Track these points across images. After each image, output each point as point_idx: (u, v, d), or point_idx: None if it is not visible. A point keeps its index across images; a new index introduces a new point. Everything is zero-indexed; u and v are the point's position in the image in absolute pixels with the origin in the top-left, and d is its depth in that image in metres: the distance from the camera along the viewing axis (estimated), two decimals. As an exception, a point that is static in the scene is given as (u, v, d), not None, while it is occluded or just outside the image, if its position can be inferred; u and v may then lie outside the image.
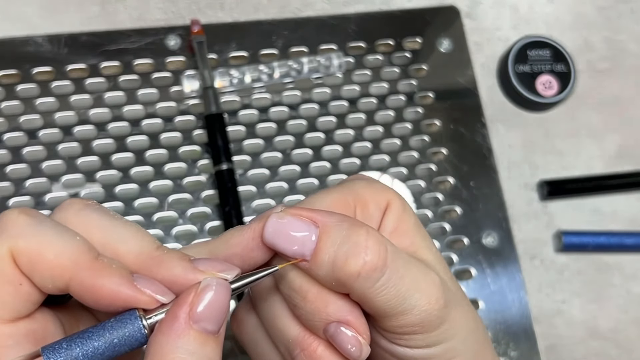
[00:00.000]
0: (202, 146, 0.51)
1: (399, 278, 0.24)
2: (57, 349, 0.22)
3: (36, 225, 0.23)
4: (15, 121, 0.49)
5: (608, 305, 0.53)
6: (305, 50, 0.55)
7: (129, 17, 0.54)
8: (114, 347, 0.22)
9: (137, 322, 0.22)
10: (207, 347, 0.22)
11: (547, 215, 0.55)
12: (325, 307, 0.25)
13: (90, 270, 0.22)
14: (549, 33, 0.60)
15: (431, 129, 0.55)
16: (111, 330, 0.22)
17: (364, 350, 0.25)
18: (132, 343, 0.22)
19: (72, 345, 0.22)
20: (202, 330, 0.22)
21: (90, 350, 0.22)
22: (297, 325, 0.26)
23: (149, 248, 0.24)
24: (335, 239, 0.24)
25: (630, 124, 0.59)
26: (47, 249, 0.22)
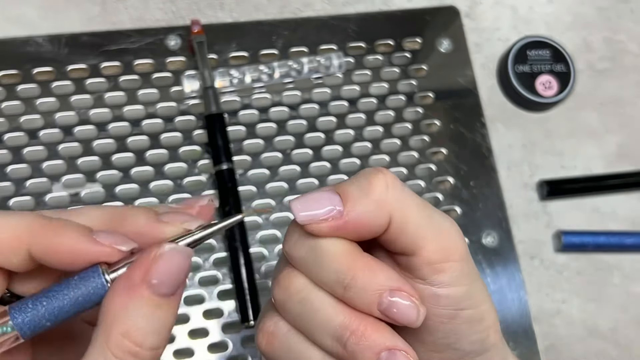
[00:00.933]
0: (203, 146, 0.51)
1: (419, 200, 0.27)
2: (24, 309, 0.22)
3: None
4: (16, 121, 0.49)
5: (607, 305, 0.53)
6: (305, 50, 0.55)
7: (129, 18, 0.54)
8: (79, 304, 0.22)
9: (99, 277, 0.22)
10: (159, 310, 0.22)
11: (546, 215, 0.55)
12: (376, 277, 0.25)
13: (46, 230, 0.22)
14: (548, 33, 0.60)
15: (431, 129, 0.55)
16: (75, 287, 0.22)
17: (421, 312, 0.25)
18: (96, 299, 0.22)
19: (37, 304, 0.22)
20: (156, 293, 0.22)
21: (56, 308, 0.22)
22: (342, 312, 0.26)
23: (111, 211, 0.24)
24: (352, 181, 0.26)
25: (630, 124, 0.59)
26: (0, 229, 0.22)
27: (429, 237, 0.26)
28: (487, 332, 0.28)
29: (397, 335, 0.26)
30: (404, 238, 0.26)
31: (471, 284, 0.27)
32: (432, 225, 0.26)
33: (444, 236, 0.26)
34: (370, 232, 0.26)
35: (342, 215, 0.25)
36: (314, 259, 0.26)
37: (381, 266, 0.26)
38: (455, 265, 0.26)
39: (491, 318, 0.28)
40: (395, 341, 0.25)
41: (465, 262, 0.27)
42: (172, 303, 0.22)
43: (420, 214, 0.26)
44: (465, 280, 0.27)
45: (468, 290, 0.27)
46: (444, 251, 0.26)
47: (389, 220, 0.26)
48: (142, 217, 0.24)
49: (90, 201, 0.48)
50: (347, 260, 0.25)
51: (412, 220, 0.26)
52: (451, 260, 0.26)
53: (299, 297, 0.27)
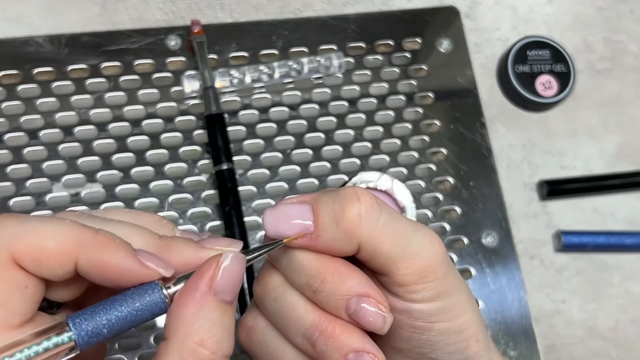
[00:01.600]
0: (203, 146, 0.51)
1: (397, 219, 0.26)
2: (82, 317, 0.22)
3: (27, 223, 0.23)
4: (16, 121, 0.49)
5: (607, 305, 0.53)
6: (305, 50, 0.55)
7: (129, 18, 0.54)
8: (136, 315, 0.23)
9: (158, 291, 0.23)
10: (225, 316, 0.23)
11: (546, 215, 0.55)
12: (344, 283, 0.26)
13: (94, 246, 0.23)
14: (548, 33, 0.60)
15: (431, 129, 0.55)
16: (133, 299, 0.23)
17: (387, 319, 0.26)
18: (153, 310, 0.23)
19: (96, 313, 0.23)
20: (221, 300, 0.23)
21: (114, 317, 0.23)
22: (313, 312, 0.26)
23: (153, 239, 0.25)
24: (327, 201, 0.26)
25: (630, 124, 0.59)
26: (46, 240, 0.22)
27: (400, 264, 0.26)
28: (466, 342, 0.28)
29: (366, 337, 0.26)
30: (374, 263, 0.26)
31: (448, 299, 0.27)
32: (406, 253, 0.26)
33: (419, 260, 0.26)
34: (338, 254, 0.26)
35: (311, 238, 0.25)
36: (286, 261, 0.27)
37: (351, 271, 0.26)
38: (430, 285, 0.26)
39: (472, 329, 0.28)
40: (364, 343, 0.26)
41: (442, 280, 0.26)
42: (233, 309, 0.24)
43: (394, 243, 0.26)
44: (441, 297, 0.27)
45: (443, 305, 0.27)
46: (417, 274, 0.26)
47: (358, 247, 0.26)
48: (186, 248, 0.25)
49: (90, 201, 0.48)
50: (316, 265, 0.26)
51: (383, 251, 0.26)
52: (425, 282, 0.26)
53: (275, 294, 0.27)
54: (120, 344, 0.45)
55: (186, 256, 0.24)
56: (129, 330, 0.23)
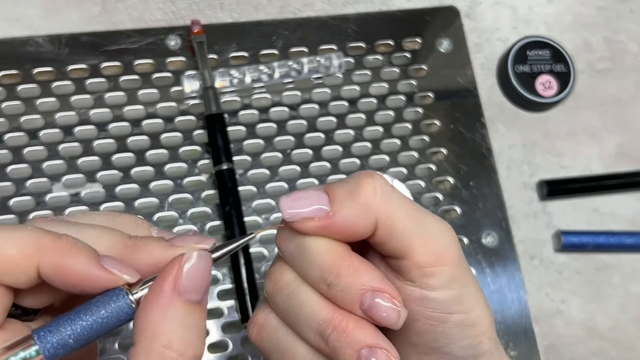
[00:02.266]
0: (203, 146, 0.51)
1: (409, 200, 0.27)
2: (48, 330, 0.22)
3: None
4: (16, 121, 0.49)
5: (607, 305, 0.53)
6: (305, 50, 0.55)
7: (129, 18, 0.54)
8: (103, 324, 0.23)
9: (123, 297, 0.23)
10: (193, 316, 0.23)
11: (546, 215, 0.55)
12: (358, 277, 0.25)
13: (55, 251, 0.23)
14: (548, 33, 0.60)
15: (431, 129, 0.55)
16: (98, 308, 0.23)
17: (401, 314, 0.25)
18: (120, 317, 0.23)
19: (60, 325, 0.22)
20: (187, 300, 0.23)
21: (79, 329, 0.22)
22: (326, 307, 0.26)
23: (121, 239, 0.25)
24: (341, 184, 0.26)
25: (630, 124, 0.59)
26: (5, 247, 0.22)
27: (418, 242, 0.26)
28: (479, 338, 0.28)
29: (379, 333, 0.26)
30: (392, 242, 0.26)
31: (462, 288, 0.27)
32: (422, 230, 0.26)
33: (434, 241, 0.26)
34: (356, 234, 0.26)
35: (328, 215, 0.25)
36: (300, 255, 0.26)
37: (365, 266, 0.26)
38: (446, 270, 0.26)
39: (484, 324, 0.28)
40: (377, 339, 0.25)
41: (457, 267, 0.27)
42: (202, 309, 0.23)
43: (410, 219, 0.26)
44: (456, 285, 0.27)
45: (459, 294, 0.27)
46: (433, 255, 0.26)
47: (375, 224, 0.26)
48: (155, 247, 0.24)
49: (90, 201, 0.48)
50: (331, 259, 0.26)
51: (400, 225, 0.26)
52: (441, 265, 0.26)
53: (287, 290, 0.27)
54: (120, 343, 0.45)
55: (155, 255, 0.24)
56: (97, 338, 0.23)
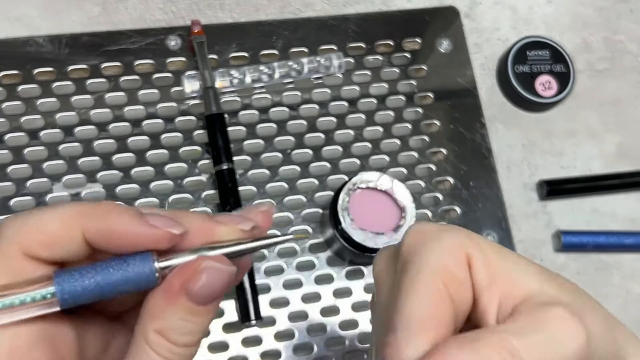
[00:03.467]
0: (203, 146, 0.51)
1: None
2: (69, 275, 0.22)
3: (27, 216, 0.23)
4: (17, 121, 0.49)
5: (607, 305, 0.53)
6: (305, 50, 0.55)
7: (129, 18, 0.54)
8: (125, 284, 0.23)
9: (149, 262, 0.23)
10: (194, 316, 0.23)
11: (546, 215, 0.55)
12: None
13: (96, 215, 0.23)
14: (548, 33, 0.60)
15: (431, 129, 0.55)
16: (124, 268, 0.23)
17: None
18: (142, 282, 0.23)
19: (84, 273, 0.22)
20: (192, 302, 0.23)
21: (101, 280, 0.22)
22: None
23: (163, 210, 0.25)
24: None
25: (630, 124, 0.59)
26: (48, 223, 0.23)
27: None
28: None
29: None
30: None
31: None
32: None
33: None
34: None
35: None
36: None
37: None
38: None
39: None
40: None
41: None
42: (209, 310, 0.23)
43: None
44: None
45: None
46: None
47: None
48: (196, 218, 0.24)
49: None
50: None
51: None
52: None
53: None
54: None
55: (195, 224, 0.24)
56: (115, 296, 0.23)
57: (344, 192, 0.47)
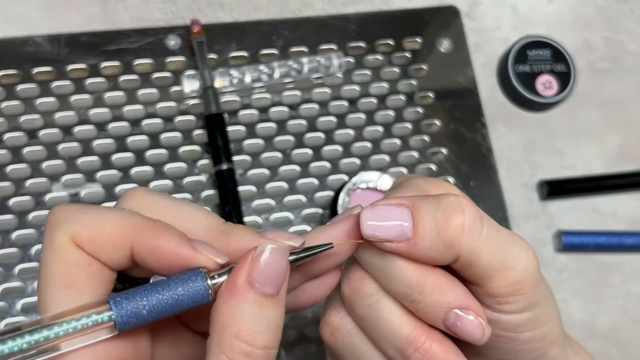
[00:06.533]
0: (202, 146, 0.51)
1: (497, 231, 0.25)
2: (124, 298, 0.22)
3: (86, 209, 0.23)
4: (16, 121, 0.49)
5: (608, 305, 0.53)
6: (305, 50, 0.55)
7: (129, 17, 0.54)
8: (178, 301, 0.23)
9: (201, 278, 0.23)
10: (266, 309, 0.23)
11: (547, 215, 0.55)
12: (445, 296, 0.25)
13: (149, 231, 0.23)
14: (548, 33, 0.60)
15: (431, 129, 0.55)
16: (176, 285, 0.23)
17: (486, 331, 0.25)
18: (195, 299, 0.23)
19: (137, 295, 0.22)
20: (260, 293, 0.23)
21: (155, 302, 0.22)
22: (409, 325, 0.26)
23: (217, 223, 0.25)
24: (429, 209, 0.25)
25: (630, 124, 0.59)
26: (104, 223, 0.23)
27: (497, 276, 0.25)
28: (547, 347, 0.28)
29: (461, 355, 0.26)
30: (469, 273, 0.25)
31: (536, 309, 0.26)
32: (503, 265, 0.25)
33: (514, 272, 0.25)
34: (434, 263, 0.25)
35: (408, 243, 0.25)
36: (383, 268, 0.26)
37: (451, 283, 0.25)
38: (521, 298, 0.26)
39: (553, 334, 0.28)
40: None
41: (533, 292, 0.26)
42: (278, 302, 0.23)
43: (491, 257, 0.25)
44: (530, 309, 0.26)
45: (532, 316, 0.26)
46: (510, 287, 0.25)
47: (456, 258, 0.25)
48: (246, 235, 0.24)
49: (90, 201, 0.48)
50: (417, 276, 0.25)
51: (480, 264, 0.25)
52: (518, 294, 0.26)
53: (368, 301, 0.26)
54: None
55: (244, 242, 0.24)
56: (170, 315, 0.23)
57: (344, 192, 0.47)
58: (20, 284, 0.46)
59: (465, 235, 0.24)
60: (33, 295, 0.45)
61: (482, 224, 0.25)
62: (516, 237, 0.26)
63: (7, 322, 0.45)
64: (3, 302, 0.45)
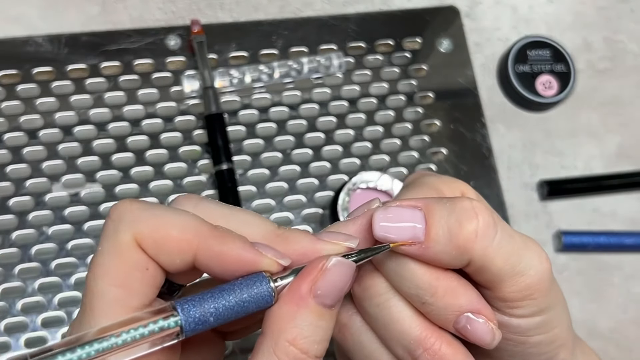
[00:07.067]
0: (202, 146, 0.51)
1: (510, 236, 0.25)
2: (191, 304, 0.22)
3: (152, 209, 0.23)
4: (16, 121, 0.49)
5: (608, 305, 0.53)
6: (305, 50, 0.55)
7: (129, 17, 0.54)
8: (243, 305, 0.23)
9: (266, 283, 0.23)
10: (323, 320, 0.23)
11: (547, 215, 0.55)
12: (456, 299, 0.25)
13: (213, 238, 0.23)
14: (548, 33, 0.60)
15: (431, 129, 0.55)
16: (241, 289, 0.23)
17: (496, 335, 0.25)
18: (260, 302, 0.23)
19: (204, 300, 0.22)
20: (320, 304, 0.23)
21: (222, 306, 0.22)
22: (419, 325, 0.26)
23: (272, 227, 0.25)
24: (443, 213, 0.25)
25: (630, 124, 0.59)
26: (170, 227, 0.23)
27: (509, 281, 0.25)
28: (556, 351, 0.28)
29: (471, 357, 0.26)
30: (480, 277, 0.26)
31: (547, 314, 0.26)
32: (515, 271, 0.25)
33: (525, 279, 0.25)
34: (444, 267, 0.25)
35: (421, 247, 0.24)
36: (395, 269, 0.25)
37: (463, 287, 0.25)
38: (533, 303, 0.26)
39: (563, 338, 0.28)
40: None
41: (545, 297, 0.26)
42: (333, 314, 0.24)
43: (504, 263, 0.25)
44: (541, 313, 0.26)
45: (542, 320, 0.26)
46: (522, 292, 0.25)
47: (468, 263, 0.25)
48: (303, 239, 0.25)
49: (90, 201, 0.48)
50: (429, 278, 0.25)
51: (492, 269, 0.25)
52: (529, 299, 0.26)
53: (378, 301, 0.26)
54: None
55: (303, 246, 0.24)
56: (234, 319, 0.23)
57: (344, 192, 0.47)
58: (20, 284, 0.46)
59: (478, 241, 0.24)
60: (33, 295, 0.45)
61: (495, 230, 0.25)
62: (529, 242, 0.26)
63: (7, 322, 0.45)
64: (3, 302, 0.45)
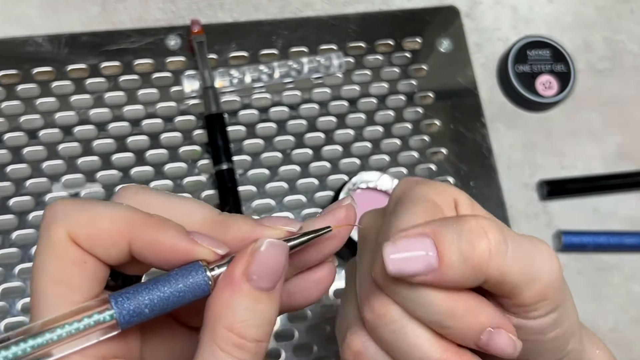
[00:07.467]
0: (202, 146, 0.51)
1: (519, 245, 0.25)
2: (125, 297, 0.22)
3: (83, 205, 0.23)
4: (16, 121, 0.49)
5: (608, 305, 0.53)
6: (305, 50, 0.55)
7: (129, 17, 0.54)
8: (179, 297, 0.23)
9: (202, 273, 0.23)
10: (260, 303, 0.23)
11: (546, 215, 0.55)
12: (476, 319, 0.25)
13: (147, 226, 0.23)
14: (548, 33, 0.60)
15: (431, 129, 0.55)
16: (176, 280, 0.23)
17: (517, 345, 0.25)
18: (196, 291, 0.23)
19: (138, 293, 0.22)
20: (255, 287, 0.23)
21: (156, 299, 0.22)
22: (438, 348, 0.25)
23: (212, 213, 0.25)
24: (452, 236, 0.24)
25: (630, 124, 0.59)
26: (101, 219, 0.23)
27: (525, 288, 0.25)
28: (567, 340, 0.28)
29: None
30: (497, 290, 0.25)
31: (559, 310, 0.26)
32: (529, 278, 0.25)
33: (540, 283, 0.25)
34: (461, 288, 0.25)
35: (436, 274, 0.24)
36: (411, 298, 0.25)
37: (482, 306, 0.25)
38: (547, 302, 0.26)
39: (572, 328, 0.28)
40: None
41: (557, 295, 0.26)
42: (273, 297, 0.23)
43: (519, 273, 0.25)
44: (555, 310, 0.26)
45: (556, 316, 0.26)
46: (538, 296, 0.25)
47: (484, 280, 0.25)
48: (244, 225, 0.24)
49: (90, 201, 0.48)
50: (447, 304, 0.25)
51: (509, 280, 0.25)
52: (544, 300, 0.26)
53: (393, 327, 0.26)
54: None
55: (243, 232, 0.24)
56: (170, 311, 0.23)
57: (344, 192, 0.47)
58: (20, 284, 0.46)
59: (492, 260, 0.24)
60: (33, 295, 0.45)
61: (506, 244, 0.25)
62: (538, 244, 0.26)
63: (7, 322, 0.45)
64: (3, 302, 0.45)
